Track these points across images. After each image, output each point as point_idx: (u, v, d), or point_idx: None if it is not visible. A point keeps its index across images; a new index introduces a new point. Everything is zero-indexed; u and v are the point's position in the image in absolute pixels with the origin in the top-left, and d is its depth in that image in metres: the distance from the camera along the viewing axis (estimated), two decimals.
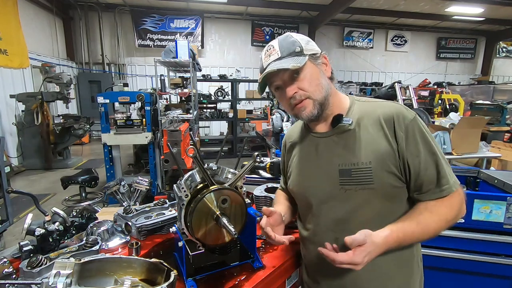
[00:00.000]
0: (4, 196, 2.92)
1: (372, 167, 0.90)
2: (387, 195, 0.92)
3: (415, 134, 0.90)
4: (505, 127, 5.54)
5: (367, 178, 0.91)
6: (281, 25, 11.32)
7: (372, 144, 0.92)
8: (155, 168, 4.65)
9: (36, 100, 6.07)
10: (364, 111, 0.97)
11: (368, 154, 0.91)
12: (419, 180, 0.90)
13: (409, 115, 0.91)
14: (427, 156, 0.90)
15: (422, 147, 0.90)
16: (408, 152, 0.90)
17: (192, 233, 0.94)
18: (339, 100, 1.01)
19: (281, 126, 5.21)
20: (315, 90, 0.94)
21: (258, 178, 2.44)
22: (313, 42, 0.97)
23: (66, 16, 9.72)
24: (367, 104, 1.00)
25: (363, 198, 0.92)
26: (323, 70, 0.97)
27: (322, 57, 0.97)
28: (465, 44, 13.28)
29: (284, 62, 0.91)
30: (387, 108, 0.94)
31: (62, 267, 0.74)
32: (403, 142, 0.90)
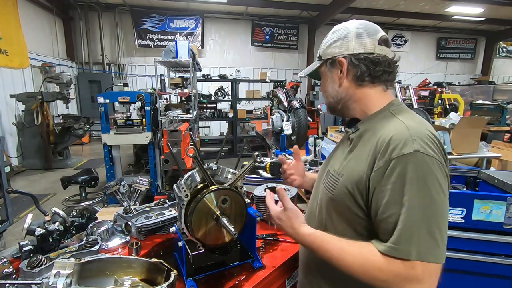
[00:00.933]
0: (4, 196, 2.92)
1: (339, 179, 0.87)
2: (342, 212, 0.86)
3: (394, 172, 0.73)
4: (505, 127, 5.54)
5: (331, 186, 0.90)
6: (281, 25, 11.32)
7: (355, 161, 0.85)
8: (155, 168, 4.65)
9: (36, 100, 6.07)
10: (377, 126, 0.85)
11: (346, 168, 0.87)
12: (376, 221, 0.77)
13: (405, 149, 0.73)
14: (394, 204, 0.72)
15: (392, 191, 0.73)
16: (378, 187, 0.76)
17: (192, 233, 0.94)
18: (366, 106, 0.90)
19: (281, 126, 5.21)
20: (325, 96, 0.98)
21: (258, 178, 2.44)
22: (342, 41, 0.88)
23: (66, 16, 9.72)
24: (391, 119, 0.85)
25: (325, 200, 0.94)
26: (334, 77, 0.92)
27: (338, 61, 0.89)
28: (465, 44, 13.27)
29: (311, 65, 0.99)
30: (391, 131, 0.79)
31: (62, 267, 0.74)
32: (377, 173, 0.76)
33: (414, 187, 0.71)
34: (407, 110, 0.89)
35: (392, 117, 0.85)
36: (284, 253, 1.24)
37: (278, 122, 5.42)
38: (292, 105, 5.42)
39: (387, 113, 0.87)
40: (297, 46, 11.55)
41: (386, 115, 0.87)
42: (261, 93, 8.51)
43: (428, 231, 0.70)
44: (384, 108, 0.89)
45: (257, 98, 8.44)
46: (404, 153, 0.72)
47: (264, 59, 11.59)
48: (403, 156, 0.72)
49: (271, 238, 1.34)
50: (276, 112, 5.84)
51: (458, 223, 1.76)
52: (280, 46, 11.52)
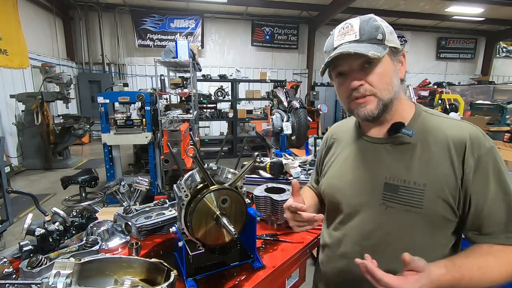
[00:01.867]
0: (4, 196, 2.93)
1: (425, 190, 0.79)
2: (433, 224, 0.81)
3: (488, 167, 0.77)
4: (505, 127, 5.54)
5: (415, 201, 0.80)
6: (281, 25, 11.32)
7: (432, 166, 0.80)
8: (155, 168, 4.65)
9: (36, 100, 6.07)
10: (431, 126, 0.84)
11: (424, 175, 0.80)
12: (479, 220, 0.78)
13: (486, 144, 0.78)
14: (498, 196, 0.77)
15: (493, 184, 0.77)
16: (474, 186, 0.78)
17: (192, 233, 0.94)
18: (402, 107, 0.88)
19: (281, 126, 5.21)
20: (384, 89, 0.81)
21: (258, 178, 2.44)
22: (395, 35, 0.84)
23: (66, 16, 9.72)
24: (437, 118, 0.86)
25: (405, 220, 0.82)
26: (398, 69, 0.85)
27: (401, 54, 0.85)
28: (465, 44, 13.27)
29: (362, 46, 0.78)
30: (461, 130, 0.81)
31: (62, 267, 0.74)
32: (471, 173, 0.78)
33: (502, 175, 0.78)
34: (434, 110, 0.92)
35: (435, 117, 0.87)
36: (284, 253, 1.24)
37: (278, 122, 5.42)
38: (292, 105, 5.41)
39: (425, 114, 0.88)
40: (297, 46, 11.55)
41: (426, 116, 0.87)
42: (261, 93, 8.51)
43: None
44: (417, 110, 0.89)
45: (257, 98, 8.44)
46: (488, 147, 0.78)
47: (264, 59, 11.59)
48: (489, 150, 0.78)
49: (271, 238, 1.34)
50: (276, 112, 5.83)
51: None
52: (280, 46, 11.52)
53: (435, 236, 0.82)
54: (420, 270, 0.67)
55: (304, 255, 1.32)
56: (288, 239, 1.34)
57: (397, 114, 0.87)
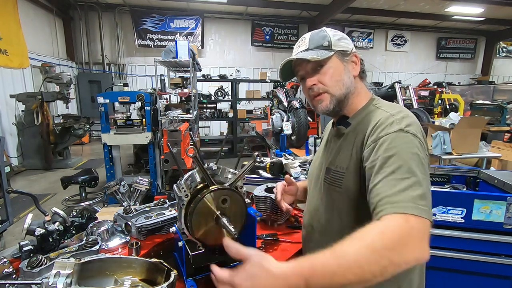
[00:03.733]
0: (4, 196, 2.93)
1: (344, 173, 0.92)
2: (354, 203, 0.90)
3: (383, 145, 0.79)
4: (505, 127, 5.54)
5: (338, 181, 0.94)
6: (281, 25, 11.32)
7: (352, 151, 0.92)
8: (155, 168, 4.65)
9: (36, 100, 6.07)
10: (366, 117, 0.95)
11: (345, 160, 0.93)
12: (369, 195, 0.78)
13: (393, 127, 0.81)
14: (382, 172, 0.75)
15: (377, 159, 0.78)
16: (368, 163, 0.82)
17: (192, 233, 0.94)
18: (359, 101, 0.99)
19: (281, 126, 5.22)
20: (334, 86, 0.94)
21: (258, 178, 2.44)
22: (348, 40, 0.98)
23: (66, 16, 9.72)
24: (378, 111, 0.94)
25: (334, 198, 0.96)
26: (349, 68, 0.97)
27: (353, 56, 0.98)
28: (465, 44, 13.27)
29: (309, 53, 0.94)
30: (380, 116, 0.89)
31: (62, 267, 0.74)
32: (368, 151, 0.83)
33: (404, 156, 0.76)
34: (389, 104, 0.99)
35: (377, 110, 0.95)
36: (284, 253, 1.24)
37: (278, 122, 5.43)
38: (292, 105, 5.42)
39: (372, 107, 0.97)
40: None
41: (371, 109, 0.97)
42: (261, 93, 8.52)
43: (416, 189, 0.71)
44: (368, 103, 0.99)
45: (257, 98, 8.44)
46: (390, 132, 0.81)
47: (264, 59, 11.60)
48: (390, 134, 0.81)
49: (271, 238, 1.34)
50: (276, 112, 5.84)
51: (458, 223, 1.76)
52: (280, 46, 11.52)
53: (360, 213, 0.89)
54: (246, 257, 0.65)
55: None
56: (288, 239, 1.34)
57: (352, 108, 0.99)
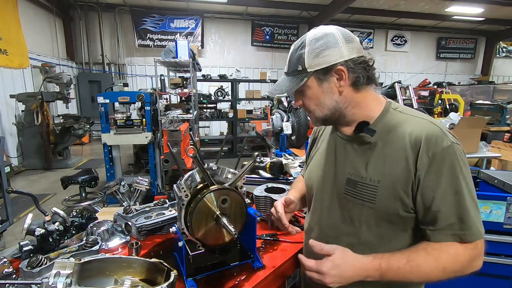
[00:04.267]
0: (4, 196, 2.93)
1: (378, 187, 0.85)
2: (387, 220, 0.86)
3: (443, 165, 0.78)
4: (505, 127, 5.54)
5: (369, 196, 0.86)
6: (281, 25, 11.32)
7: (388, 163, 0.84)
8: (155, 168, 4.65)
9: (36, 100, 6.07)
10: (394, 124, 0.87)
11: (379, 173, 0.85)
12: (428, 217, 0.81)
13: (444, 142, 0.79)
14: (448, 194, 0.78)
15: (444, 182, 0.79)
16: (426, 183, 0.80)
17: (192, 233, 0.94)
18: (367, 109, 0.91)
19: (281, 126, 5.21)
20: (315, 109, 0.91)
21: (258, 178, 2.44)
22: (332, 49, 0.84)
23: (66, 16, 9.72)
24: (403, 116, 0.88)
25: (361, 214, 0.89)
26: (331, 87, 0.87)
27: (337, 69, 0.85)
28: (465, 44, 13.27)
29: (283, 81, 0.92)
30: (420, 128, 0.83)
31: (62, 267, 0.74)
32: (424, 170, 0.80)
33: (462, 174, 0.79)
34: (405, 107, 0.94)
35: (401, 114, 0.89)
36: (284, 253, 1.23)
37: (278, 122, 5.42)
38: (292, 105, 5.41)
39: (393, 111, 0.90)
40: None
41: (393, 113, 0.90)
42: (261, 93, 8.51)
43: (477, 211, 0.80)
44: (386, 108, 0.91)
45: (257, 98, 8.44)
46: (445, 146, 0.79)
47: (264, 59, 11.59)
48: (444, 149, 0.79)
49: (271, 238, 1.34)
50: (276, 112, 5.83)
51: None
52: (280, 46, 11.52)
53: (390, 230, 0.87)
54: (330, 252, 0.81)
55: None
56: (288, 239, 1.34)
57: (359, 116, 0.91)
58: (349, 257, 0.81)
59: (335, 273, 0.79)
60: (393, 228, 0.87)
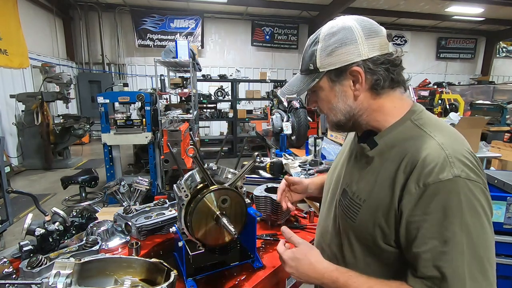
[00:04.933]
0: (4, 196, 2.93)
1: (362, 207, 0.76)
2: (366, 244, 0.77)
3: (433, 201, 0.63)
4: (505, 127, 5.54)
5: (352, 213, 0.79)
6: (281, 25, 11.31)
7: (377, 184, 0.73)
8: (155, 168, 4.65)
9: (36, 100, 6.07)
10: (402, 139, 0.73)
11: (367, 192, 0.76)
12: (409, 256, 0.68)
13: (444, 172, 0.62)
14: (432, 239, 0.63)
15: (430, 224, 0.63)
16: (411, 217, 0.66)
17: (192, 233, 0.94)
18: (384, 118, 0.77)
19: (281, 126, 5.21)
20: (328, 114, 0.82)
21: (258, 178, 2.44)
22: (349, 46, 0.72)
23: (66, 16, 9.71)
24: (417, 131, 0.73)
25: (345, 228, 0.83)
26: (345, 90, 0.75)
27: (353, 70, 0.73)
28: (465, 44, 13.27)
29: (294, 81, 0.83)
30: (423, 147, 0.68)
31: (62, 267, 0.74)
32: (409, 202, 0.66)
33: (458, 220, 0.61)
34: (434, 119, 0.75)
35: (416, 129, 0.73)
36: None
37: (278, 122, 5.42)
38: (292, 105, 5.41)
39: (410, 124, 0.74)
40: (297, 46, 11.54)
41: (408, 126, 0.74)
42: (261, 93, 8.51)
43: (480, 272, 0.62)
44: (404, 117, 0.75)
45: (257, 98, 8.44)
46: (443, 179, 0.62)
47: (264, 59, 11.59)
48: (441, 182, 0.62)
49: (271, 238, 1.34)
50: (276, 112, 5.83)
51: None
52: (280, 46, 11.52)
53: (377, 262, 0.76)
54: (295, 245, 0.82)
55: None
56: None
57: (373, 125, 0.79)
58: (312, 256, 0.78)
59: (293, 264, 0.79)
60: (377, 259, 0.77)
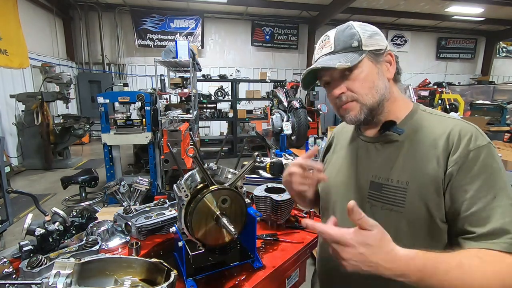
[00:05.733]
0: (4, 196, 2.93)
1: (407, 188, 0.77)
2: (420, 227, 0.77)
3: (476, 164, 0.71)
4: (505, 127, 5.55)
5: (398, 200, 0.78)
6: (281, 25, 11.31)
7: (417, 164, 0.77)
8: (155, 168, 4.65)
9: (36, 100, 6.07)
10: (424, 125, 0.81)
11: (407, 174, 0.78)
12: (462, 221, 0.71)
13: (478, 141, 0.73)
14: (484, 196, 0.69)
15: (479, 183, 0.70)
16: (459, 183, 0.72)
17: (192, 233, 0.94)
18: (398, 107, 0.86)
19: (281, 126, 5.22)
20: (367, 93, 0.80)
21: (258, 178, 2.44)
22: (380, 36, 0.83)
23: (66, 16, 9.71)
24: (434, 117, 0.83)
25: (388, 220, 0.77)
26: (383, 70, 0.83)
27: (387, 54, 0.83)
28: (465, 44, 13.27)
29: (335, 58, 0.80)
30: (452, 126, 0.77)
31: (62, 267, 0.74)
32: (456, 170, 0.72)
33: (498, 176, 0.71)
34: (436, 110, 0.88)
35: (431, 115, 0.84)
36: (284, 253, 1.24)
37: (278, 122, 5.42)
38: (292, 105, 5.42)
39: (422, 113, 0.85)
40: (297, 46, 11.55)
41: (422, 114, 0.84)
42: (261, 93, 8.51)
43: None
44: (414, 108, 0.86)
45: (257, 98, 8.44)
46: (481, 145, 0.73)
47: (264, 59, 11.59)
48: (481, 147, 0.73)
49: (271, 238, 1.34)
50: (276, 112, 5.84)
51: None
52: (280, 46, 11.52)
53: (421, 237, 0.77)
54: (367, 227, 0.61)
55: (304, 255, 1.32)
56: (288, 239, 1.34)
57: (390, 114, 0.85)
58: (387, 243, 0.62)
59: (362, 251, 0.60)
60: (428, 241, 0.76)
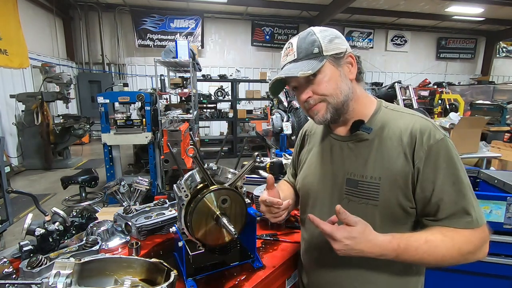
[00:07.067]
0: (4, 196, 2.93)
1: (380, 184, 0.85)
2: (391, 216, 0.87)
3: (439, 156, 0.81)
4: (505, 127, 5.54)
5: (372, 194, 0.86)
6: (281, 25, 11.32)
7: (386, 160, 0.86)
8: (155, 168, 4.65)
9: (36, 100, 6.07)
10: (388, 121, 0.90)
11: (379, 169, 0.86)
12: (429, 207, 0.83)
13: (437, 135, 0.83)
14: (446, 183, 0.81)
15: (442, 173, 0.81)
16: (425, 175, 0.82)
17: (192, 233, 0.94)
18: (363, 105, 0.93)
19: (281, 126, 5.21)
20: (331, 94, 0.87)
21: (258, 178, 2.44)
22: (340, 39, 0.89)
23: (66, 16, 9.71)
24: (394, 113, 0.91)
25: (365, 213, 0.86)
26: (345, 72, 0.89)
27: (348, 56, 0.89)
28: (465, 44, 13.27)
29: (298, 66, 0.87)
30: (412, 123, 0.86)
31: (62, 267, 0.74)
32: (422, 163, 0.82)
33: (457, 165, 0.82)
34: (398, 106, 0.97)
35: (394, 112, 0.92)
36: (284, 253, 1.24)
37: (278, 122, 5.42)
38: (292, 105, 5.41)
39: (385, 110, 0.93)
40: None
41: (385, 111, 0.92)
42: (261, 93, 8.51)
43: (474, 199, 0.82)
44: (378, 105, 0.94)
45: (257, 98, 8.44)
46: (438, 139, 0.82)
47: (264, 59, 11.59)
48: (440, 141, 0.82)
49: (271, 238, 1.34)
50: (276, 112, 5.83)
51: None
52: (280, 46, 11.51)
53: (395, 228, 0.86)
54: (352, 224, 0.76)
55: None
56: (288, 239, 1.34)
57: (357, 112, 0.92)
58: (369, 233, 0.77)
59: (348, 243, 0.76)
60: (396, 225, 0.87)
